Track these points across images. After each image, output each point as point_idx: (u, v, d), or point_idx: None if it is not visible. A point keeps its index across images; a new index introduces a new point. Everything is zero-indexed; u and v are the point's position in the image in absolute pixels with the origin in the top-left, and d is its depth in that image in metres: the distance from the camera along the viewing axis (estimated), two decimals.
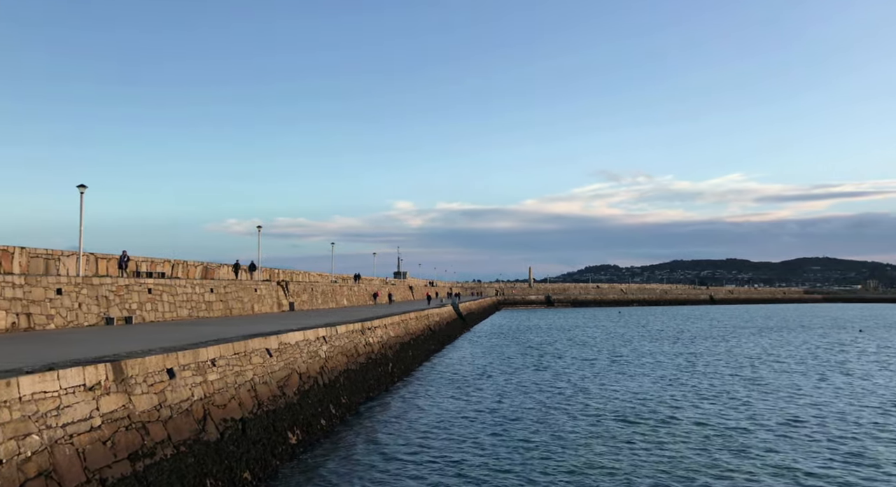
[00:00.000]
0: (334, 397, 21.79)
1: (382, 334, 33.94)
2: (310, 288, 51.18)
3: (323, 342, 23.99)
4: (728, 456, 16.81)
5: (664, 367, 36.55)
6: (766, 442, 18.29)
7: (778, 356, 43.00)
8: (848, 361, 39.79)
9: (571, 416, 22.23)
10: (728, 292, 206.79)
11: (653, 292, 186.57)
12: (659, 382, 30.55)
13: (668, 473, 15.34)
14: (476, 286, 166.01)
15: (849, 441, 18.60)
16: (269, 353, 18.62)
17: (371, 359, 28.90)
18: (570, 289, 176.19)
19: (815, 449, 17.64)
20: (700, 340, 55.98)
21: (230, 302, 36.03)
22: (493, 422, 21.35)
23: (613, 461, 16.42)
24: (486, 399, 26.07)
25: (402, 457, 17.03)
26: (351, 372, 25.15)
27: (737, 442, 18.33)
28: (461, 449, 17.87)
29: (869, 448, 17.84)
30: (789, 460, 16.57)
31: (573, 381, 30.75)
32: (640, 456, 16.80)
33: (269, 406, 16.62)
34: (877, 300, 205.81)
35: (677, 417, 21.98)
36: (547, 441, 18.64)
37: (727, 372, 34.54)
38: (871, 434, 19.66)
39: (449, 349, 48.19)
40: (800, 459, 16.66)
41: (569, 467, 15.92)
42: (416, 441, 18.79)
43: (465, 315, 75.06)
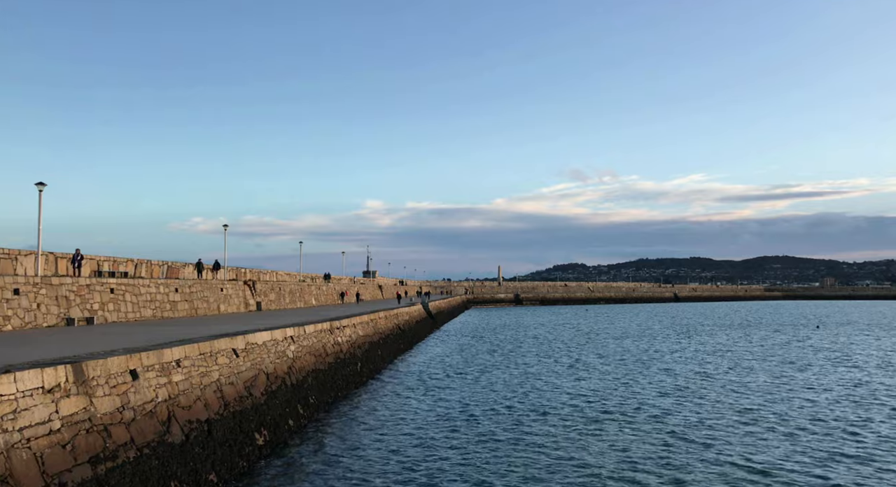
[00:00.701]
0: (302, 397, 21.61)
1: (351, 333, 33.76)
2: (277, 288, 50.62)
3: (291, 342, 23.77)
4: (685, 451, 17.17)
5: (627, 364, 37.14)
6: (719, 437, 18.69)
7: (737, 352, 44.05)
8: (804, 357, 40.97)
9: (538, 414, 22.43)
10: (692, 290, 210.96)
11: (619, 290, 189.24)
12: (621, 379, 31.03)
13: (629, 468, 15.60)
14: (446, 285, 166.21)
15: (801, 435, 19.16)
16: (236, 353, 18.38)
17: (340, 359, 28.73)
18: (538, 288, 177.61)
19: (768, 444, 18.11)
20: (662, 338, 57.02)
21: (195, 302, 35.43)
22: (462, 421, 21.43)
23: (576, 458, 16.63)
24: (455, 398, 26.15)
25: (370, 457, 16.98)
26: (319, 371, 24.97)
27: (694, 437, 18.71)
28: (429, 449, 17.91)
29: (820, 442, 18.41)
30: (742, 454, 17.01)
31: (540, 380, 31.01)
32: (602, 452, 17.04)
33: (236, 407, 16.41)
34: (833, 297, 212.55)
35: (638, 414, 22.33)
36: (514, 439, 18.79)
37: (687, 368, 35.26)
38: (823, 427, 20.28)
39: (419, 348, 48.18)
40: (753, 454, 17.10)
41: (533, 464, 16.08)
42: (384, 441, 18.76)
43: (435, 313, 75.10)
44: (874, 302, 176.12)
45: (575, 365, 36.56)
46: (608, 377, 31.79)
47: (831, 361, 38.26)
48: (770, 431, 19.60)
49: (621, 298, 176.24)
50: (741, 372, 33.21)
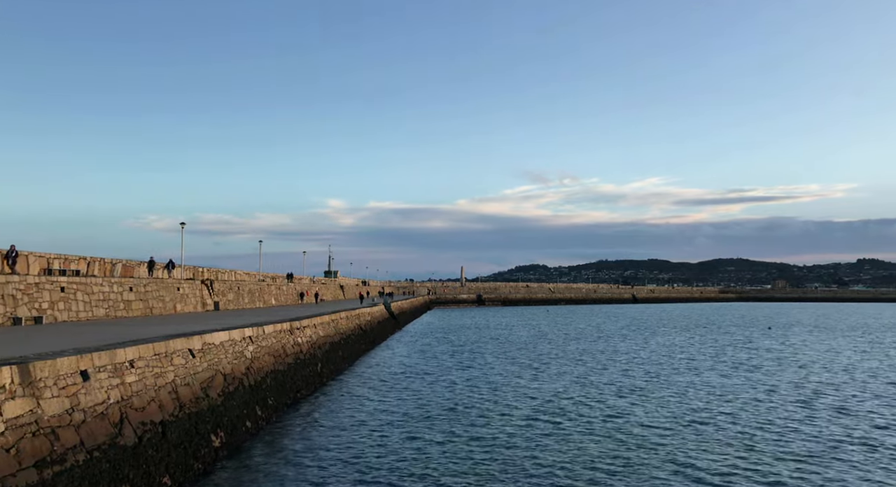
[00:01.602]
0: (261, 398, 21.30)
1: (312, 334, 33.43)
2: (236, 287, 49.77)
3: (249, 342, 23.41)
4: (634, 450, 17.53)
5: (585, 364, 37.72)
6: (668, 437, 19.11)
7: (690, 353, 45.16)
8: (753, 358, 42.26)
9: (497, 414, 22.59)
10: (650, 291, 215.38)
11: (579, 291, 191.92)
12: (578, 379, 31.51)
13: (579, 467, 15.86)
14: (409, 285, 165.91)
15: (742, 434, 19.76)
16: (192, 354, 18.01)
17: (299, 360, 28.42)
18: (500, 288, 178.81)
19: (715, 444, 18.61)
20: (619, 338, 58.07)
21: (151, 302, 34.58)
22: (422, 422, 21.45)
23: (531, 457, 16.82)
24: (415, 398, 26.16)
25: (329, 458, 16.86)
26: (278, 372, 24.65)
27: (642, 437, 19.11)
28: (389, 449, 17.87)
29: (761, 441, 19.02)
30: (690, 453, 17.47)
31: (499, 380, 31.21)
32: (555, 451, 17.27)
33: (192, 409, 16.08)
34: (785, 299, 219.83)
35: (592, 413, 22.67)
36: (473, 439, 18.90)
37: (641, 369, 36.00)
38: (764, 426, 20.97)
39: (380, 348, 47.99)
40: (701, 453, 17.57)
41: (491, 463, 16.21)
42: (343, 442, 18.64)
43: (398, 314, 74.90)
44: (823, 304, 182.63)
45: (533, 366, 36.93)
46: (566, 377, 32.22)
47: (779, 361, 39.54)
48: (718, 430, 20.15)
49: (581, 299, 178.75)
50: (692, 373, 34.06)
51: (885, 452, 17.38)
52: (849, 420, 21.71)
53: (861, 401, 25.38)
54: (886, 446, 18.07)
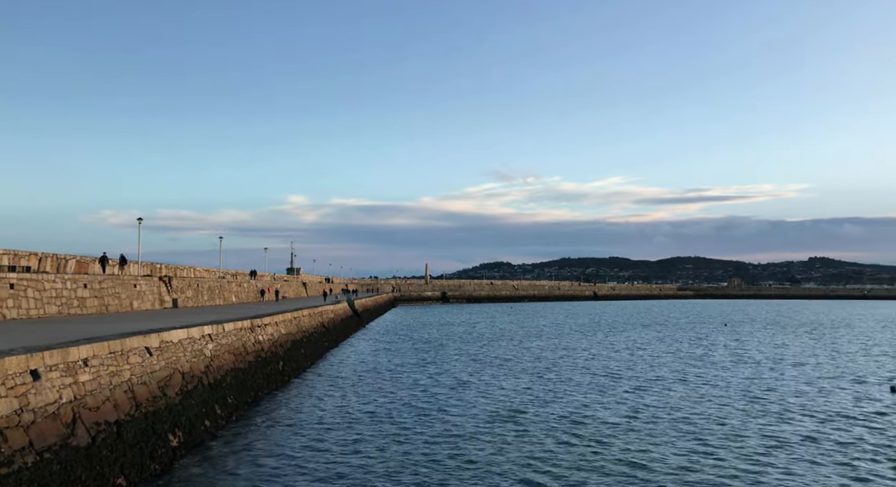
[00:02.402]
0: (220, 397, 20.97)
1: (273, 331, 33.03)
2: (195, 285, 48.83)
3: (209, 340, 23.02)
4: (587, 446, 17.83)
5: (545, 361, 38.20)
6: (623, 432, 19.47)
7: (649, 350, 46.12)
8: (709, 354, 43.41)
9: (458, 412, 22.68)
10: (610, 289, 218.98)
11: (542, 288, 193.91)
12: (537, 377, 31.89)
13: (530, 465, 16.09)
14: (373, 282, 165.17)
15: (694, 432, 20.31)
16: (149, 352, 17.63)
17: (260, 358, 28.06)
18: (465, 286, 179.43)
19: (664, 439, 19.06)
20: (579, 335, 58.95)
21: (106, 299, 33.68)
22: (383, 420, 21.44)
23: (488, 454, 16.95)
24: (377, 397, 26.12)
25: (289, 457, 16.72)
26: (239, 371, 24.30)
27: (596, 433, 19.41)
28: (350, 448, 17.83)
29: (713, 440, 19.58)
30: (642, 448, 17.88)
31: (461, 378, 31.25)
32: (513, 449, 17.37)
33: (149, 408, 15.75)
34: (740, 296, 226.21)
35: (551, 411, 22.91)
36: (433, 437, 18.99)
37: (598, 365, 36.65)
38: (714, 423, 21.58)
39: (343, 346, 47.71)
40: (651, 448, 18.00)
41: (449, 461, 16.31)
42: (305, 441, 18.51)
43: (361, 311, 74.54)
44: (776, 301, 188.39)
45: (495, 363, 37.23)
46: (526, 374, 32.57)
47: (732, 357, 40.70)
48: (670, 425, 20.66)
49: (544, 296, 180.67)
50: (650, 369, 34.81)
51: (829, 446, 18.07)
52: (794, 415, 22.48)
53: (806, 397, 26.30)
54: (831, 440, 18.78)
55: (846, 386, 28.64)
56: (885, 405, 24.03)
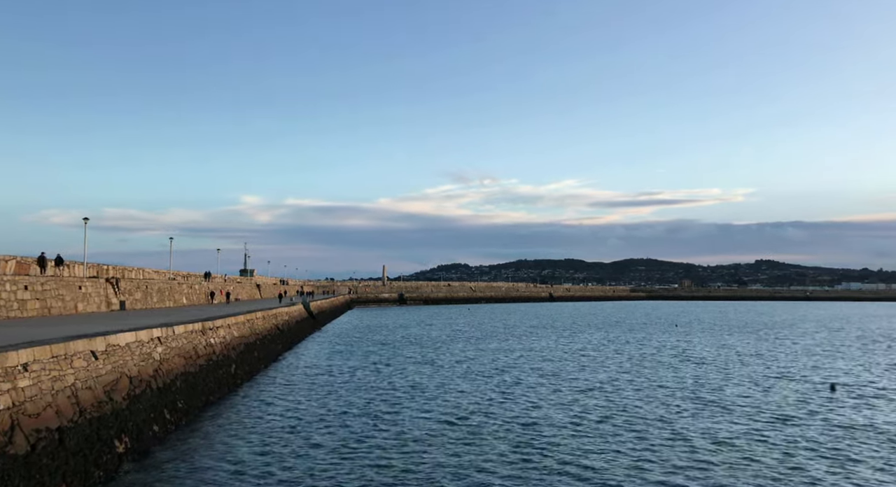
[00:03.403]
0: (170, 401, 20.49)
1: (225, 334, 32.42)
2: (144, 286, 47.51)
3: (158, 343, 22.46)
4: (533, 451, 18.07)
5: (498, 364, 38.60)
6: (567, 434, 19.69)
7: (598, 351, 47.03)
8: (657, 355, 44.54)
9: (410, 415, 22.67)
10: (566, 290, 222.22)
11: (499, 290, 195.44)
12: (491, 379, 32.21)
13: (484, 468, 16.29)
14: (329, 284, 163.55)
15: (641, 433, 20.87)
16: (95, 356, 17.11)
17: (212, 361, 27.52)
18: (422, 287, 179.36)
19: (612, 440, 19.46)
20: (533, 337, 59.70)
21: (49, 301, 32.47)
22: (334, 425, 21.31)
23: (434, 459, 17.02)
24: (331, 400, 25.97)
25: (240, 461, 16.48)
26: (189, 374, 23.78)
27: (545, 436, 19.74)
28: (303, 452, 17.67)
29: (659, 440, 20.14)
30: (584, 451, 18.28)
31: (412, 382, 31.10)
32: (459, 454, 17.43)
33: (94, 414, 15.29)
34: (690, 297, 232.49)
35: (504, 414, 23.04)
36: (385, 441, 18.99)
37: (550, 366, 37.23)
38: (666, 424, 22.22)
39: (298, 349, 47.16)
40: (596, 451, 18.41)
41: (402, 463, 16.35)
42: (255, 445, 18.27)
43: (317, 313, 73.75)
44: (724, 302, 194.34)
45: (448, 366, 37.41)
46: (480, 377, 32.86)
47: (680, 358, 41.87)
48: (615, 426, 21.15)
49: (501, 297, 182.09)
50: (601, 370, 35.53)
51: (772, 444, 18.80)
52: (738, 414, 23.29)
53: (750, 397, 27.28)
54: (773, 438, 19.54)
55: (788, 385, 29.81)
56: (824, 403, 25.11)
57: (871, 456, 16.94)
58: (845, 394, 26.68)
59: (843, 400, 25.42)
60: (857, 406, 24.06)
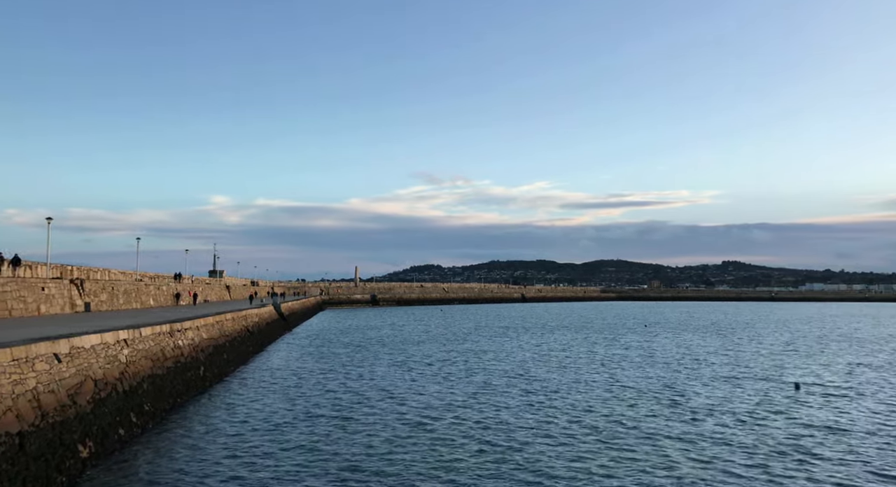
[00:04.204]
0: (136, 404, 20.10)
1: (194, 336, 31.92)
2: (110, 288, 46.52)
3: (124, 345, 22.01)
4: (500, 454, 18.11)
5: (467, 364, 38.70)
6: (524, 437, 19.42)
7: (566, 351, 47.46)
8: (626, 355, 45.12)
9: (377, 419, 22.41)
10: (538, 291, 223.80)
11: (472, 291, 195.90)
12: (460, 381, 32.28)
13: (452, 470, 16.34)
14: (300, 285, 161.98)
15: (607, 433, 21.12)
16: (58, 359, 16.70)
17: (180, 363, 27.07)
18: (395, 288, 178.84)
19: (571, 444, 19.40)
20: (504, 338, 60.02)
21: (10, 303, 31.60)
22: (303, 427, 21.15)
23: (402, 461, 17.02)
24: (300, 402, 25.77)
25: (207, 464, 16.25)
26: (156, 377, 23.36)
27: (511, 438, 19.74)
28: (271, 455, 17.50)
29: (628, 440, 20.42)
30: (550, 453, 18.45)
31: (384, 383, 30.94)
32: (426, 456, 17.30)
33: (56, 418, 14.92)
34: (659, 298, 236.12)
35: (471, 416, 22.90)
36: (353, 444, 18.92)
37: (518, 367, 37.47)
38: (632, 424, 22.52)
39: (268, 351, 46.64)
40: (561, 453, 18.59)
41: (364, 469, 16.28)
42: (223, 449, 18.03)
43: (288, 315, 73.02)
44: (693, 303, 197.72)
45: (418, 368, 37.40)
46: (450, 379, 32.91)
47: (648, 359, 42.50)
48: (585, 429, 21.37)
49: (474, 298, 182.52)
50: (566, 371, 35.88)
51: (738, 443, 19.19)
52: (704, 413, 23.73)
53: (717, 396, 27.80)
54: (739, 437, 19.94)
55: (754, 383, 30.45)
56: (789, 401, 25.72)
57: (835, 453, 17.40)
58: (809, 393, 27.35)
59: (807, 398, 26.06)
60: (821, 404, 24.69)
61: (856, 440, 18.82)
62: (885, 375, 33.33)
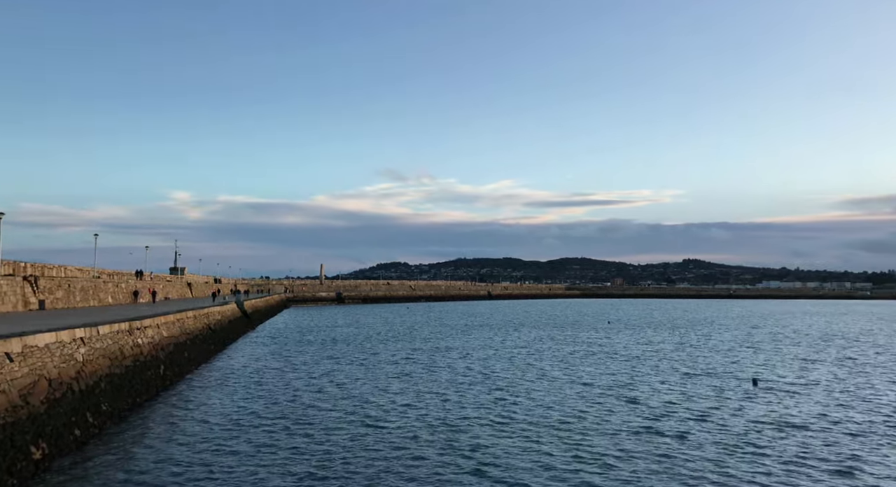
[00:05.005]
0: (93, 404, 19.59)
1: (154, 334, 31.25)
2: (66, 285, 45.19)
3: (81, 344, 21.43)
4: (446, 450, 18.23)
5: (427, 363, 38.76)
6: (484, 435, 19.25)
7: (528, 348, 47.92)
8: (588, 351, 45.77)
9: (337, 418, 22.08)
10: (503, 288, 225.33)
11: (438, 288, 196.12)
12: (417, 381, 32.26)
13: (407, 465, 16.38)
14: (264, 283, 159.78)
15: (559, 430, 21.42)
16: (10, 358, 16.17)
17: (140, 362, 26.48)
18: (361, 286, 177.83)
19: (530, 441, 19.50)
20: (464, 335, 60.31)
21: None
22: (264, 427, 20.87)
23: (353, 462, 16.84)
24: (261, 401, 25.46)
25: (165, 464, 15.95)
26: (115, 376, 22.80)
27: (459, 435, 19.63)
28: (231, 455, 17.27)
29: (587, 439, 20.73)
30: (502, 451, 18.64)
31: (344, 382, 30.40)
32: (379, 458, 17.09)
33: (7, 419, 14.45)
34: (622, 295, 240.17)
35: (424, 414, 22.87)
36: (313, 444, 18.81)
37: (473, 367, 37.69)
38: (595, 421, 22.87)
39: (231, 349, 45.93)
40: (514, 452, 18.80)
41: (331, 465, 16.24)
42: (182, 448, 17.72)
43: (251, 312, 72.01)
44: (654, 300, 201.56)
45: (381, 367, 37.33)
46: (409, 378, 32.92)
47: (608, 355, 43.18)
48: (543, 429, 21.63)
49: (441, 296, 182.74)
50: (525, 369, 36.23)
51: (698, 439, 19.64)
52: (664, 410, 24.23)
53: (676, 393, 28.41)
54: (698, 433, 20.41)
55: (712, 380, 31.20)
56: (747, 396, 26.43)
57: (791, 448, 17.96)
58: (766, 389, 28.14)
59: (764, 394, 26.80)
60: (779, 399, 25.42)
61: (810, 434, 19.44)
62: (834, 370, 34.51)
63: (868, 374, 32.89)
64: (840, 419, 21.52)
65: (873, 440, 18.57)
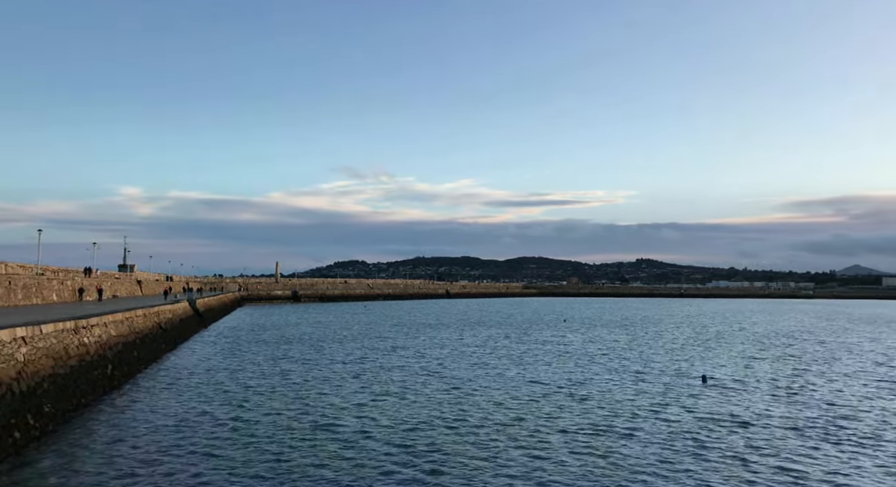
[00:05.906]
0: (35, 406, 18.86)
1: (101, 333, 30.26)
2: (6, 282, 43.35)
3: (21, 343, 20.59)
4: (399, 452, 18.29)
5: (386, 362, 38.69)
6: (436, 437, 19.20)
7: (484, 349, 48.29)
8: (540, 351, 46.37)
9: (287, 419, 21.72)
10: (462, 287, 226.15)
11: (397, 287, 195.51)
12: (369, 381, 32.19)
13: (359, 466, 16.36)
14: (218, 281, 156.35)
15: (510, 430, 21.70)
16: None
17: (86, 362, 25.60)
18: (318, 284, 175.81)
19: (482, 442, 19.85)
20: (420, 335, 60.38)
21: None
22: (211, 427, 20.46)
23: (313, 462, 16.73)
24: (211, 401, 24.99)
25: (110, 467, 15.49)
26: (59, 376, 21.99)
27: (413, 437, 19.77)
28: (175, 457, 16.90)
29: (542, 438, 21.04)
30: (455, 452, 18.80)
31: (296, 383, 29.84)
32: (328, 458, 16.94)
33: None
34: (577, 294, 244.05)
35: (376, 416, 22.83)
36: (263, 444, 18.60)
37: (428, 367, 37.81)
38: (547, 421, 23.23)
39: (182, 349, 44.86)
40: (467, 453, 18.99)
41: (277, 469, 16.06)
42: (128, 450, 17.26)
43: (204, 311, 70.44)
44: (609, 299, 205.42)
45: (333, 368, 37.03)
46: (359, 378, 32.77)
47: (561, 355, 43.85)
48: (496, 429, 21.84)
49: (399, 294, 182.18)
50: (480, 368, 36.53)
51: (648, 436, 20.09)
52: (614, 408, 24.74)
53: (627, 391, 29.03)
54: (649, 430, 20.88)
55: (663, 377, 31.99)
56: (697, 393, 27.19)
57: (740, 443, 18.56)
58: (714, 386, 29.00)
59: (713, 391, 27.63)
60: (727, 396, 26.23)
61: (755, 429, 20.15)
62: (778, 367, 35.84)
63: (809, 371, 34.27)
64: (783, 414, 22.36)
65: (813, 434, 19.37)
